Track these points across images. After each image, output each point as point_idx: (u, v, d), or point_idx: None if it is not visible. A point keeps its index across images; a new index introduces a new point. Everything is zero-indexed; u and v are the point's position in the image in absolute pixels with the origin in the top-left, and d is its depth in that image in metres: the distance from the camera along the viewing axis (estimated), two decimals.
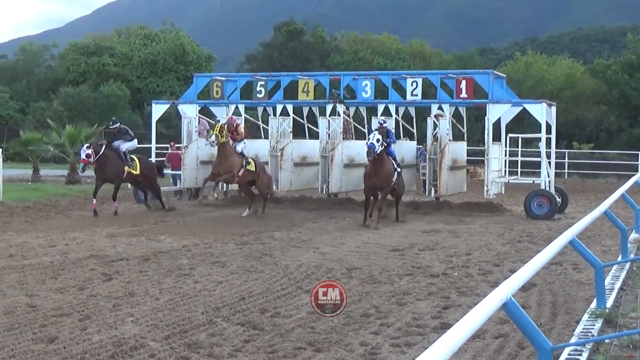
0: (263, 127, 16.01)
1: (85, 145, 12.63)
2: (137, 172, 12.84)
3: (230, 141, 11.96)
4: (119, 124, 13.19)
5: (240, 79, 15.81)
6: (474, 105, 14.43)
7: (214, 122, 14.44)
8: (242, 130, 12.19)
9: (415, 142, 15.22)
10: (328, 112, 14.43)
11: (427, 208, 13.67)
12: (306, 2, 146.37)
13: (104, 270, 7.64)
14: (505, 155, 14.06)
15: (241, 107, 15.26)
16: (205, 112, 15.96)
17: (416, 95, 13.69)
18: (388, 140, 11.07)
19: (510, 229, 11.46)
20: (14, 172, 18.67)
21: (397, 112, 14.51)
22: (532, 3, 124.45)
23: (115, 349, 4.49)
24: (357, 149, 13.80)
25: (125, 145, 12.78)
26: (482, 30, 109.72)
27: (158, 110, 16.06)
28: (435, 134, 13.65)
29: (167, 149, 16.61)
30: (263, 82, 15.15)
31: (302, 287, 6.75)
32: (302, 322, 5.36)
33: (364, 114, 15.31)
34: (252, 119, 16.55)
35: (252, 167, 12.23)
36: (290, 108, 14.81)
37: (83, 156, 12.30)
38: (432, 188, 13.55)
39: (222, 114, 15.21)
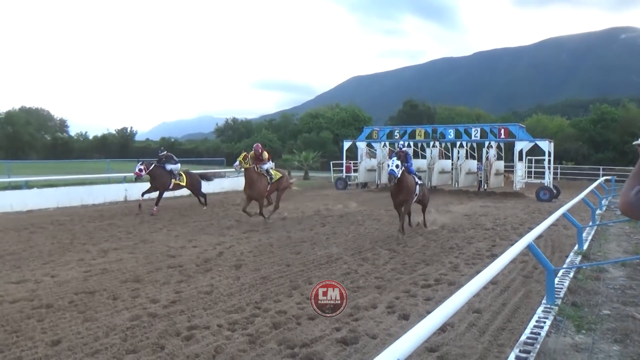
0: None
1: (140, 163, 13.78)
2: (184, 183, 14.52)
3: (256, 167, 11.99)
4: (165, 152, 14.58)
5: (386, 129, 25.72)
6: (508, 141, 21.48)
7: (373, 150, 24.31)
8: (266, 155, 12.30)
9: (475, 161, 23.41)
10: (430, 145, 23.08)
11: (482, 195, 20.59)
12: (420, 86, 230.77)
13: (321, 221, 12.46)
14: (525, 167, 20.81)
15: (387, 144, 24.45)
16: (368, 145, 25.33)
17: (477, 136, 21.74)
18: (406, 164, 10.25)
19: (528, 206, 16.68)
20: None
21: (466, 145, 23.01)
22: (540, 85, 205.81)
23: (328, 259, 8.41)
24: (445, 165, 23.33)
25: (171, 166, 14.11)
26: (512, 100, 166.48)
27: (346, 145, 25.92)
28: (487, 156, 21.52)
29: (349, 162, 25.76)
30: (398, 130, 24.92)
31: (419, 233, 10.61)
32: (418, 250, 8.83)
33: (449, 146, 23.83)
34: (392, 148, 23.56)
35: (275, 178, 12.42)
36: (411, 143, 23.69)
37: (136, 170, 13.56)
38: (485, 185, 21.56)
39: (378, 147, 24.66)
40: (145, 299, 5.83)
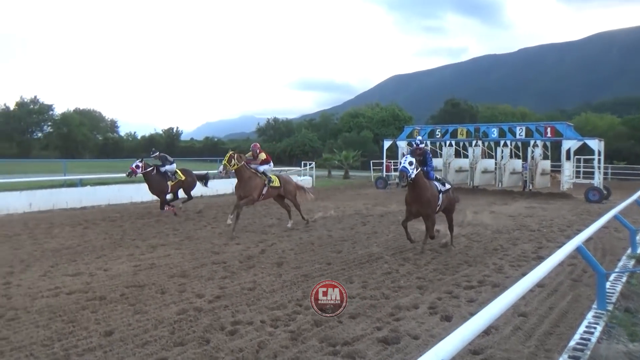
0: (439, 152, 24.11)
1: (139, 160, 12.87)
2: (183, 179, 13.44)
3: (247, 165, 10.60)
4: (158, 152, 13.55)
5: (427, 128, 25.40)
6: (555, 140, 20.79)
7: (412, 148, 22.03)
8: (263, 156, 11.02)
9: (520, 160, 22.35)
10: (473, 144, 22.57)
11: (527, 195, 19.86)
12: (462, 84, 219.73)
13: (362, 220, 12.41)
14: (573, 167, 20.28)
15: (428, 143, 22.56)
16: (409, 145, 24.49)
17: (521, 135, 21.30)
18: (425, 168, 8.26)
19: (576, 207, 15.91)
20: (319, 173, 28.44)
21: (510, 144, 22.35)
22: (588, 82, 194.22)
23: (368, 258, 8.19)
24: (488, 164, 22.68)
25: (166, 167, 13.11)
26: (558, 98, 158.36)
27: (386, 144, 25.67)
28: (533, 155, 20.57)
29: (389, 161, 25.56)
30: (439, 129, 24.28)
31: (462, 233, 10.34)
32: (460, 251, 8.62)
33: (492, 145, 23.38)
34: (433, 147, 24.48)
35: (275, 183, 10.98)
36: (453, 142, 23.70)
37: (133, 165, 12.67)
38: (530, 185, 20.63)
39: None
40: (191, 293, 5.98)
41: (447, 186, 8.83)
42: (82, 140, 60.95)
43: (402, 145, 24.64)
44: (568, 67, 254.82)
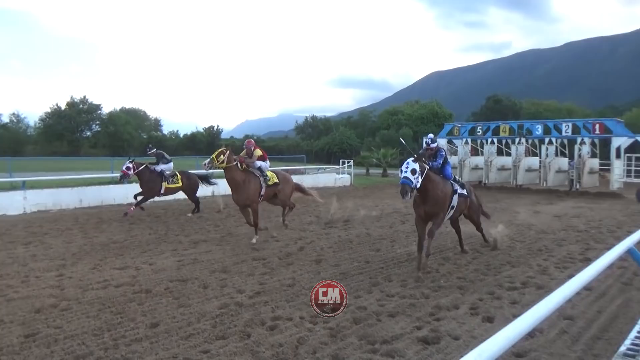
0: (480, 150, 23.99)
1: (129, 161, 12.11)
2: (180, 184, 12.46)
3: (239, 164, 9.35)
4: (155, 149, 12.71)
5: (468, 125, 24.91)
6: (604, 137, 20.38)
7: (455, 147, 23.44)
8: (259, 153, 9.75)
9: (566, 159, 21.33)
10: (516, 141, 22.06)
11: (574, 195, 19.08)
12: (504, 80, 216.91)
13: (401, 219, 12.28)
14: (623, 166, 19.44)
15: (469, 140, 23.99)
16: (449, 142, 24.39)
17: (568, 132, 20.93)
18: (432, 163, 7.13)
19: (627, 208, 15.30)
20: (358, 171, 28.12)
21: (555, 142, 21.60)
22: (638, 77, 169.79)
23: (408, 257, 8.05)
24: (533, 162, 21.67)
25: (162, 167, 12.26)
26: (608, 94, 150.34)
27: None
28: (580, 153, 19.95)
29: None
30: (481, 126, 24.04)
31: (508, 235, 10.03)
32: (503, 251, 8.39)
33: (536, 143, 22.29)
34: (474, 145, 24.39)
35: (273, 180, 9.86)
36: (495, 140, 23.29)
37: (124, 168, 11.87)
38: (577, 184, 19.99)
39: (459, 144, 24.10)
40: (232, 288, 6.11)
41: (465, 191, 7.64)
42: (128, 138, 63.08)
43: (443, 143, 24.35)
44: (618, 61, 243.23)
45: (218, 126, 72.31)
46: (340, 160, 27.29)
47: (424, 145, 7.47)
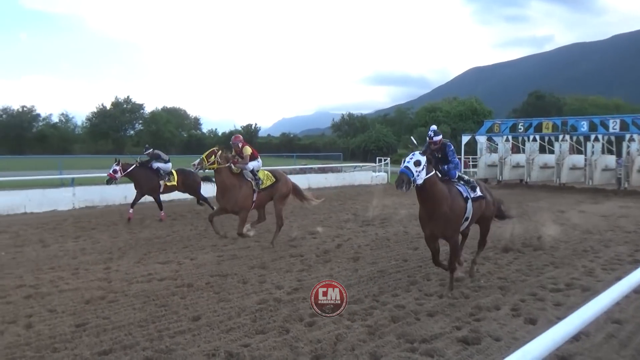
0: (522, 147, 23.03)
1: (115, 163, 11.59)
2: (174, 183, 12.08)
3: (232, 165, 8.61)
4: (152, 149, 12.27)
5: (509, 122, 24.33)
6: None
7: (495, 144, 23.02)
8: (249, 151, 8.80)
9: (614, 156, 20.32)
10: (560, 138, 21.10)
11: (622, 194, 18.18)
12: (547, 75, 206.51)
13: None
14: None
15: (510, 137, 23.26)
16: (489, 140, 24.20)
17: (615, 129, 20.03)
18: (445, 167, 6.00)
19: None
20: (395, 169, 28.07)
21: (602, 139, 20.67)
22: None
23: (446, 256, 8.09)
24: (577, 160, 20.84)
25: (158, 164, 11.85)
26: None
27: (465, 139, 25.54)
28: (629, 150, 19.14)
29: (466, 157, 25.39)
30: (522, 123, 23.48)
31: (548, 233, 9.65)
32: (546, 251, 8.12)
33: (581, 140, 21.65)
34: (515, 142, 23.53)
35: (267, 183, 8.85)
36: (537, 137, 22.41)
37: (110, 171, 11.42)
38: (625, 183, 19.08)
39: (500, 141, 23.27)
40: (271, 284, 6.20)
41: (478, 192, 6.22)
42: (169, 137, 64.80)
43: (482, 140, 23.85)
44: None
45: (256, 124, 73.24)
46: (377, 158, 27.16)
47: (428, 137, 6.18)
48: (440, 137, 6.11)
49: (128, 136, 65.55)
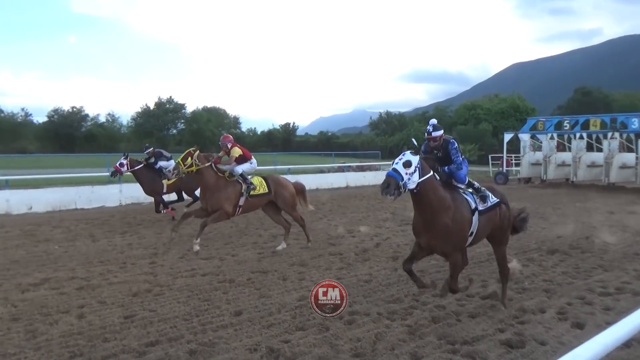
0: (567, 145, 22.31)
1: (123, 156, 11.47)
2: (175, 180, 10.39)
3: (227, 167, 8.12)
4: (152, 148, 11.89)
5: (554, 119, 23.56)
6: None
7: (538, 142, 22.07)
8: (237, 152, 8.25)
9: None
10: (609, 136, 19.92)
11: None
12: (594, 70, 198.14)
13: None
14: None
15: (555, 135, 22.30)
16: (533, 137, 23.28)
17: None
18: (446, 169, 5.00)
19: None
20: None
21: None
22: None
23: (488, 257, 7.71)
24: (628, 159, 19.92)
25: (161, 163, 11.50)
26: None
27: (507, 137, 24.49)
28: None
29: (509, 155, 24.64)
30: (568, 120, 22.46)
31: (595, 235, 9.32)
32: (594, 254, 7.82)
33: (632, 137, 20.44)
34: (560, 140, 22.62)
35: (260, 190, 8.14)
36: (584, 135, 21.36)
37: (117, 164, 11.33)
38: None
39: (544, 139, 22.12)
40: (310, 282, 6.24)
41: (492, 199, 5.11)
42: (210, 136, 66.13)
43: (525, 138, 23.12)
44: None
45: (294, 123, 73.68)
46: None
47: (426, 131, 5.16)
48: (441, 132, 5.16)
49: (171, 135, 67.33)
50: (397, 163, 4.44)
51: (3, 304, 5.47)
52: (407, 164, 4.41)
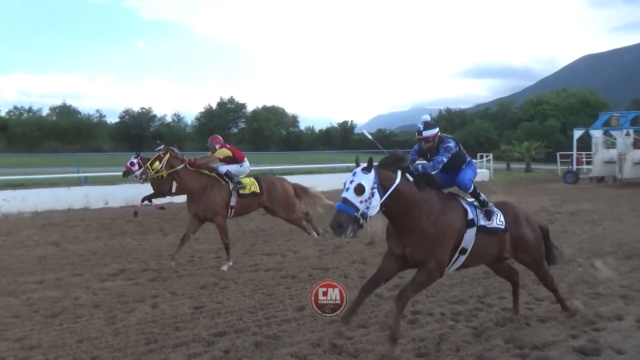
0: None
1: (134, 156, 11.07)
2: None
3: (212, 166, 7.47)
4: (163, 145, 10.58)
5: (629, 115, 22.35)
6: None
7: (612, 139, 20.44)
8: (225, 152, 7.56)
9: None
10: None
11: None
12: None
13: (549, 218, 11.30)
14: None
15: (631, 132, 20.66)
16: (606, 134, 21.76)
17: None
18: (419, 166, 4.31)
19: None
20: (497, 166, 27.55)
21: None
22: None
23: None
24: None
25: None
26: None
27: (577, 134, 23.03)
28: None
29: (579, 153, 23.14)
30: None
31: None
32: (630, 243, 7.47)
33: None
34: (637, 137, 20.68)
35: (251, 189, 7.44)
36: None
37: (128, 163, 10.92)
38: None
39: (618, 136, 20.71)
40: None
41: (499, 221, 4.33)
42: (269, 134, 67.50)
43: (597, 135, 21.77)
44: None
45: (352, 121, 73.56)
46: (478, 154, 25.98)
47: (416, 135, 4.56)
48: (434, 131, 4.39)
49: (232, 134, 69.36)
50: (347, 190, 3.63)
51: (86, 291, 5.89)
52: (359, 190, 3.60)
